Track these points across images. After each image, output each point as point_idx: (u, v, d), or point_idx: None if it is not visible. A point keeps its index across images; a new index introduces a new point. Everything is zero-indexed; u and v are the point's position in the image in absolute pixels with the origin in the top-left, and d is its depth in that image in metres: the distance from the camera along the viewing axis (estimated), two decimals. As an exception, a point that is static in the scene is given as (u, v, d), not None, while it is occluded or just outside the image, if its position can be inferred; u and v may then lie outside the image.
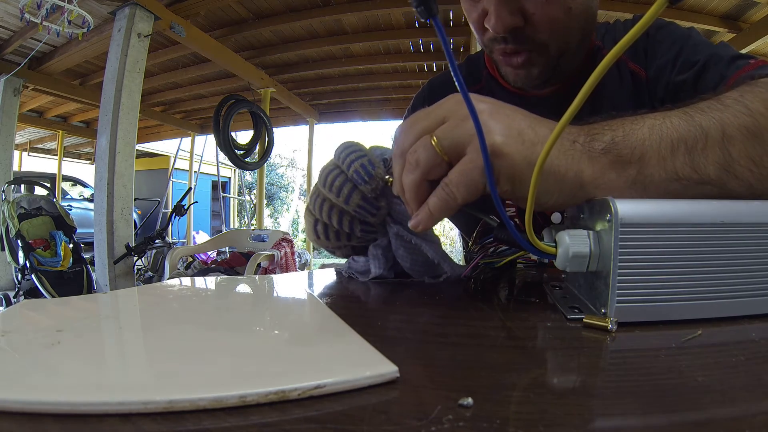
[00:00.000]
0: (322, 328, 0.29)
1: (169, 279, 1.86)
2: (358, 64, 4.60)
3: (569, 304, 0.31)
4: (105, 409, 0.17)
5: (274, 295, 0.44)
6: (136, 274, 3.27)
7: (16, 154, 6.17)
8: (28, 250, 2.90)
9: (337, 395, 0.18)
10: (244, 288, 0.47)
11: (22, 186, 3.88)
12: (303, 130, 6.39)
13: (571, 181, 0.31)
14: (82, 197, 7.44)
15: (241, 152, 4.43)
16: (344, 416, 0.17)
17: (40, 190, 3.70)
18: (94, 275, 3.05)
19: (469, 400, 0.17)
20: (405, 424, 0.16)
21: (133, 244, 2.94)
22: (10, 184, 3.47)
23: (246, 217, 9.39)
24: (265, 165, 5.30)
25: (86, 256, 3.23)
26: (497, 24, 0.50)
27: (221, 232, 4.54)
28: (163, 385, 0.19)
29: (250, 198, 9.16)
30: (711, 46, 0.53)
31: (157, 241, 3.23)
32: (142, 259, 3.50)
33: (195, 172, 6.96)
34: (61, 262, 3.00)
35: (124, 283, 2.88)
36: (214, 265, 3.20)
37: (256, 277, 0.56)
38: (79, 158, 8.84)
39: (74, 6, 2.76)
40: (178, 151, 6.95)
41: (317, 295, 0.40)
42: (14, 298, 3.12)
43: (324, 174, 0.44)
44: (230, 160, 4.36)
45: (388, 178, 0.41)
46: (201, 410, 0.17)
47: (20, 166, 7.22)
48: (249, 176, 10.03)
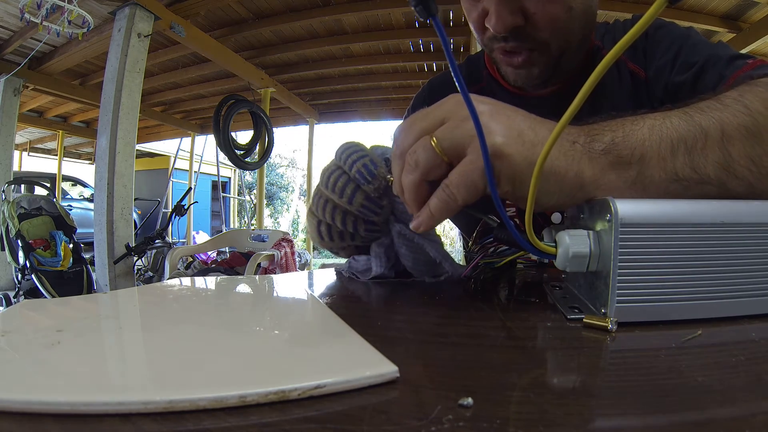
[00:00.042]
0: (322, 328, 0.29)
1: (169, 279, 1.86)
2: (358, 64, 4.60)
3: (569, 304, 0.31)
4: (105, 409, 0.17)
5: (274, 295, 0.44)
6: (136, 274, 3.27)
7: (16, 154, 6.17)
8: (28, 250, 2.90)
9: (337, 395, 0.18)
10: (244, 288, 0.47)
11: (22, 186, 3.88)
12: (303, 130, 6.40)
13: (572, 181, 0.31)
14: (82, 197, 7.44)
15: (241, 152, 4.43)
16: (344, 416, 0.17)
17: (40, 190, 3.70)
18: (94, 275, 3.05)
19: (469, 400, 0.17)
20: (405, 424, 0.16)
21: (133, 244, 2.94)
22: (10, 184, 3.47)
23: (246, 217, 9.39)
24: (265, 165, 5.30)
25: (86, 256, 3.23)
26: (498, 23, 0.50)
27: (221, 232, 4.53)
28: (163, 385, 0.19)
29: (250, 198, 9.16)
30: (710, 46, 0.53)
31: (157, 241, 3.23)
32: (142, 259, 3.50)
33: (195, 172, 6.96)
34: (61, 262, 3.00)
35: (124, 283, 2.88)
36: (214, 265, 3.20)
37: (256, 277, 0.56)
38: (79, 158, 8.84)
39: (74, 6, 2.76)
40: (178, 151, 6.95)
41: (317, 295, 0.40)
42: (14, 298, 3.12)
43: (326, 175, 0.44)
44: (230, 160, 4.36)
45: (390, 178, 0.41)
46: (201, 410, 0.17)
47: (20, 166, 7.22)
48: (249, 176, 10.04)
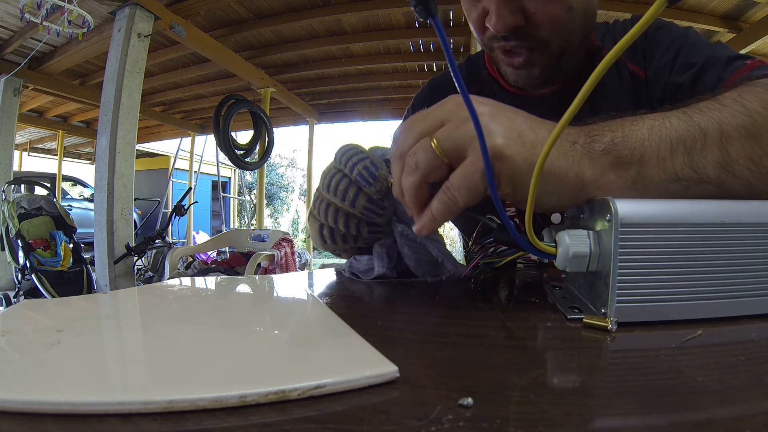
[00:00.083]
0: (322, 328, 0.29)
1: (169, 279, 1.86)
2: (358, 64, 4.60)
3: (569, 304, 0.31)
4: (105, 409, 0.17)
5: (274, 295, 0.44)
6: (136, 274, 3.27)
7: (16, 154, 6.16)
8: (28, 250, 2.90)
9: (337, 395, 0.18)
10: (244, 288, 0.47)
11: (22, 186, 3.88)
12: (303, 130, 6.40)
13: (572, 182, 0.31)
14: (82, 197, 7.44)
15: (241, 152, 4.43)
16: (344, 416, 0.17)
17: (40, 190, 3.70)
18: (94, 275, 3.05)
19: (469, 400, 0.17)
20: (405, 424, 0.16)
21: (133, 244, 2.94)
22: (10, 184, 3.47)
23: (246, 217, 9.39)
24: (265, 165, 5.30)
25: (86, 256, 3.23)
26: (498, 23, 0.50)
27: (221, 232, 4.54)
28: (163, 385, 0.19)
29: (250, 198, 9.16)
30: (709, 47, 0.53)
31: (157, 241, 3.23)
32: (142, 259, 3.50)
33: (195, 172, 6.96)
34: (61, 262, 3.00)
35: (124, 283, 2.88)
36: (214, 265, 3.20)
37: (256, 277, 0.56)
38: (79, 158, 8.84)
39: (74, 6, 2.76)
40: (178, 151, 6.95)
41: (317, 295, 0.40)
42: (14, 298, 3.12)
43: (327, 178, 0.44)
44: (230, 160, 4.36)
45: (392, 180, 0.41)
46: (201, 410, 0.17)
47: (20, 166, 7.22)
48: (249, 176, 10.04)
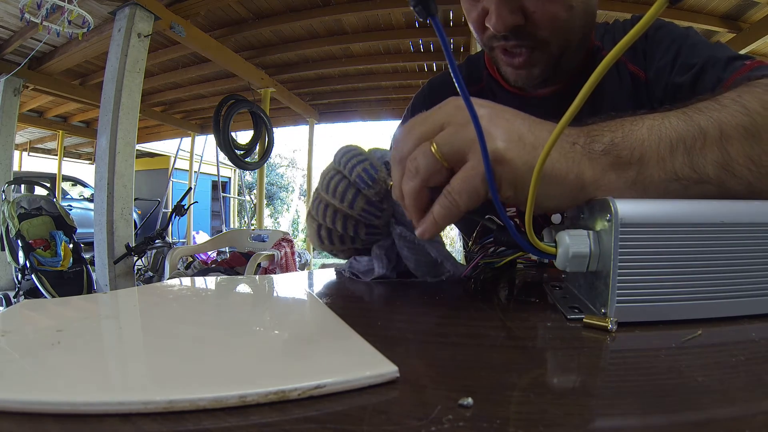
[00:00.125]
0: (322, 328, 0.29)
1: (169, 279, 1.86)
2: (358, 64, 4.60)
3: (569, 304, 0.31)
4: (105, 409, 0.17)
5: (274, 295, 0.44)
6: (136, 274, 3.27)
7: (16, 154, 6.16)
8: (28, 250, 2.90)
9: (337, 395, 0.18)
10: (244, 288, 0.47)
11: (22, 186, 3.88)
12: (303, 130, 6.40)
13: (573, 183, 0.31)
14: (82, 197, 7.44)
15: (241, 152, 4.43)
16: (344, 416, 0.17)
17: (40, 190, 3.70)
18: (94, 275, 3.05)
19: (469, 400, 0.17)
20: (405, 424, 0.16)
21: (133, 244, 2.94)
22: (10, 184, 3.47)
23: (246, 217, 9.39)
24: (265, 165, 5.30)
25: (86, 256, 3.23)
26: (498, 23, 0.50)
27: (221, 232, 4.54)
28: (163, 385, 0.19)
29: (250, 198, 9.16)
30: (709, 47, 0.53)
31: (157, 241, 3.23)
32: (142, 259, 3.50)
33: (195, 172, 6.96)
34: (61, 262, 3.00)
35: (124, 283, 2.88)
36: (214, 265, 3.20)
37: (256, 277, 0.56)
38: (79, 158, 8.84)
39: (74, 6, 2.76)
40: (178, 151, 6.95)
41: (317, 295, 0.40)
42: (14, 298, 3.12)
43: (326, 179, 0.44)
44: (230, 160, 4.36)
45: (391, 183, 0.41)
46: (201, 410, 0.17)
47: (20, 166, 7.22)
48: (249, 176, 10.04)
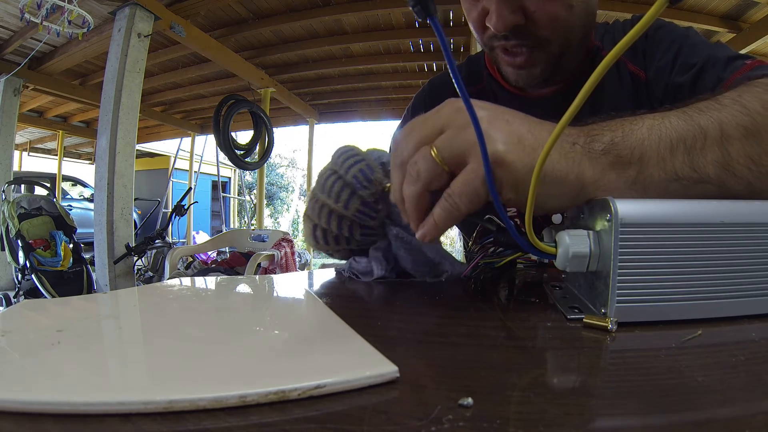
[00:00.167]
0: (322, 328, 0.29)
1: (169, 279, 1.86)
2: (358, 64, 4.60)
3: (569, 304, 0.31)
4: (105, 409, 0.17)
5: (274, 295, 0.44)
6: (136, 274, 3.27)
7: (16, 154, 6.16)
8: (28, 250, 2.90)
9: (337, 395, 0.18)
10: (244, 288, 0.47)
11: (22, 186, 3.88)
12: (303, 130, 6.41)
13: (573, 183, 0.31)
14: (82, 197, 7.44)
15: (241, 152, 4.43)
16: (344, 416, 0.17)
17: (40, 190, 3.70)
18: (94, 275, 3.05)
19: (469, 400, 0.17)
20: (405, 424, 0.16)
21: (133, 244, 2.94)
22: (10, 184, 3.47)
23: (246, 217, 9.39)
24: (265, 165, 5.30)
25: (86, 256, 3.23)
26: (498, 22, 0.50)
27: (221, 232, 4.53)
28: (163, 385, 0.19)
29: (250, 198, 9.16)
30: (709, 47, 0.53)
31: (157, 241, 3.23)
32: (142, 259, 3.50)
33: (195, 172, 6.96)
34: (61, 262, 3.00)
35: (124, 283, 2.88)
36: (214, 265, 3.20)
37: (256, 277, 0.56)
38: (79, 158, 8.84)
39: (74, 6, 2.76)
40: (178, 151, 6.95)
41: (317, 295, 0.40)
42: (14, 298, 3.12)
43: (322, 179, 0.44)
44: (230, 160, 4.36)
45: (388, 185, 0.41)
46: (201, 410, 0.17)
47: (20, 166, 7.22)
48: (249, 176, 10.04)
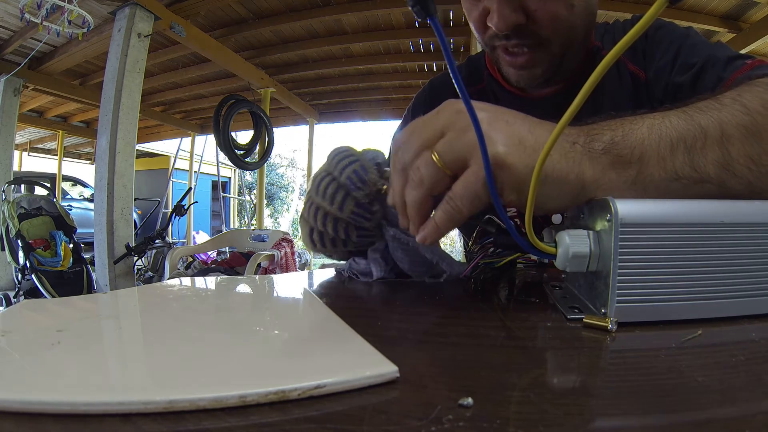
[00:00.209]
0: (322, 328, 0.29)
1: (169, 279, 1.86)
2: (358, 64, 4.60)
3: (569, 304, 0.31)
4: (105, 409, 0.17)
5: (275, 295, 0.44)
6: (136, 274, 3.27)
7: (16, 154, 6.16)
8: (28, 250, 2.90)
9: (337, 395, 0.18)
10: (244, 288, 0.47)
11: (22, 186, 3.88)
12: (303, 130, 6.41)
13: (573, 183, 0.31)
14: (82, 197, 7.44)
15: (241, 152, 4.43)
16: (344, 416, 0.17)
17: (40, 190, 3.70)
18: (94, 275, 3.05)
19: (469, 400, 0.17)
20: (405, 424, 0.16)
21: (133, 244, 2.94)
22: (10, 184, 3.47)
23: (246, 217, 9.39)
24: (265, 165, 5.30)
25: (86, 256, 3.23)
26: (499, 22, 0.50)
27: (221, 232, 4.53)
28: (163, 385, 0.19)
29: (250, 198, 9.16)
30: (709, 47, 0.53)
31: (157, 241, 3.23)
32: (142, 259, 3.50)
33: (195, 172, 6.96)
34: (61, 262, 3.00)
35: (124, 283, 2.88)
36: (214, 265, 3.20)
37: (256, 277, 0.56)
38: (79, 158, 8.84)
39: (74, 6, 2.76)
40: (178, 151, 6.95)
41: (317, 295, 0.40)
42: (14, 298, 3.12)
43: (316, 182, 0.44)
44: (230, 160, 4.36)
45: (385, 187, 0.41)
46: (201, 410, 0.17)
47: (20, 166, 7.22)
48: (249, 176, 10.04)
